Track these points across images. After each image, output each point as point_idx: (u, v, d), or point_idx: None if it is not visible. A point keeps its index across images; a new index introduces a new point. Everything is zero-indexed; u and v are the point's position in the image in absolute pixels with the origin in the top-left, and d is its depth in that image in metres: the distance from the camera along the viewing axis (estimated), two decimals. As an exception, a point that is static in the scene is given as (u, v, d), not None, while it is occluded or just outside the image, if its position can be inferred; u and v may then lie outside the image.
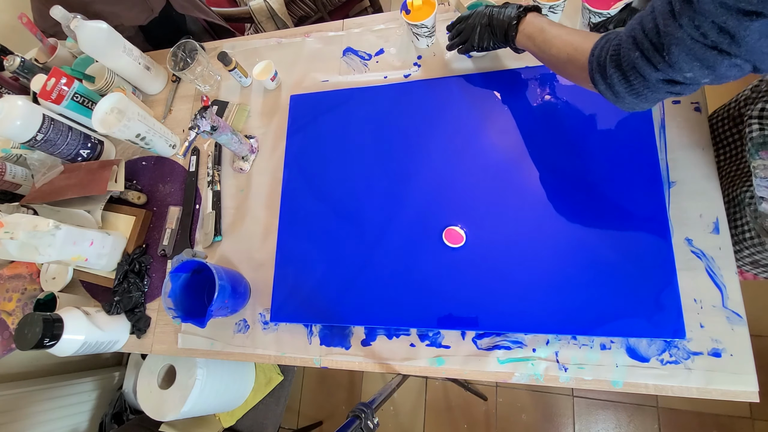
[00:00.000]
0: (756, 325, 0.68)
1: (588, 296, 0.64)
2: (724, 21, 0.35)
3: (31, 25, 0.95)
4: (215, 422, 1.12)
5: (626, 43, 0.44)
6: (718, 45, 0.37)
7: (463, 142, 0.77)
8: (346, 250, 0.77)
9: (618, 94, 0.48)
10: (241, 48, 1.01)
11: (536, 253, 0.68)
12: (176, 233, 0.89)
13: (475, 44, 0.71)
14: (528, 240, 0.69)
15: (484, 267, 0.69)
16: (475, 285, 0.69)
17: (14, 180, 0.93)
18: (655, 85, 0.44)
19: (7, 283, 0.90)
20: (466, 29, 0.71)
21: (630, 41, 0.44)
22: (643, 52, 0.42)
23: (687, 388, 0.60)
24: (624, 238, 0.65)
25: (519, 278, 0.68)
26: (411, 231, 0.75)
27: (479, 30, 0.69)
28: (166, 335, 0.84)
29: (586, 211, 0.68)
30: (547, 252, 0.68)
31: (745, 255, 0.70)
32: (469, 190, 0.74)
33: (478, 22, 0.69)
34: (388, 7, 1.90)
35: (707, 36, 0.37)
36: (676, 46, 0.39)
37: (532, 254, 0.68)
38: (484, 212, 0.72)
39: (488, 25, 0.68)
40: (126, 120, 0.83)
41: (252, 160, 0.90)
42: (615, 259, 0.65)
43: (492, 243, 0.70)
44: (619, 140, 0.69)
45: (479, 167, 0.75)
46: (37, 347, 0.68)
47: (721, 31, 0.36)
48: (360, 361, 0.73)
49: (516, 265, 0.68)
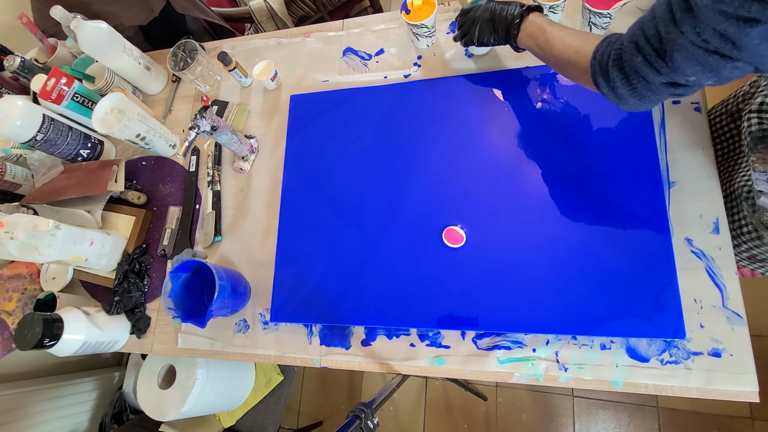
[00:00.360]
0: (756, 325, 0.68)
1: (588, 296, 0.64)
2: (725, 28, 0.35)
3: (31, 25, 0.95)
4: (215, 422, 1.12)
5: (629, 48, 0.45)
6: (719, 50, 0.37)
7: (463, 143, 0.77)
8: (346, 250, 0.77)
9: (621, 96, 0.49)
10: (241, 48, 1.01)
11: (536, 254, 0.68)
12: (176, 233, 0.89)
13: (475, 39, 0.71)
14: (528, 240, 0.69)
15: (484, 267, 0.70)
16: (475, 285, 0.69)
17: (14, 180, 0.93)
18: (659, 88, 0.45)
19: (7, 283, 0.90)
20: (466, 23, 0.72)
21: (632, 46, 0.44)
22: (645, 57, 0.43)
23: (687, 388, 0.60)
24: (624, 238, 0.65)
25: (519, 278, 0.68)
26: (411, 231, 0.75)
27: (480, 25, 0.69)
28: (166, 335, 0.84)
29: (586, 211, 0.68)
30: (547, 252, 0.68)
31: (742, 250, 0.70)
32: (469, 191, 0.74)
33: (480, 17, 0.69)
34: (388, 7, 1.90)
35: (709, 42, 0.37)
36: (678, 52, 0.40)
37: (532, 254, 0.68)
38: (484, 212, 0.72)
39: (490, 21, 0.68)
40: (126, 120, 0.83)
41: (252, 160, 0.90)
42: (615, 259, 0.65)
43: (492, 243, 0.70)
44: (619, 140, 0.69)
45: (479, 167, 0.75)
46: (37, 347, 0.68)
47: (722, 37, 0.36)
48: (360, 361, 0.73)
49: (516, 265, 0.68)
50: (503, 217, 0.71)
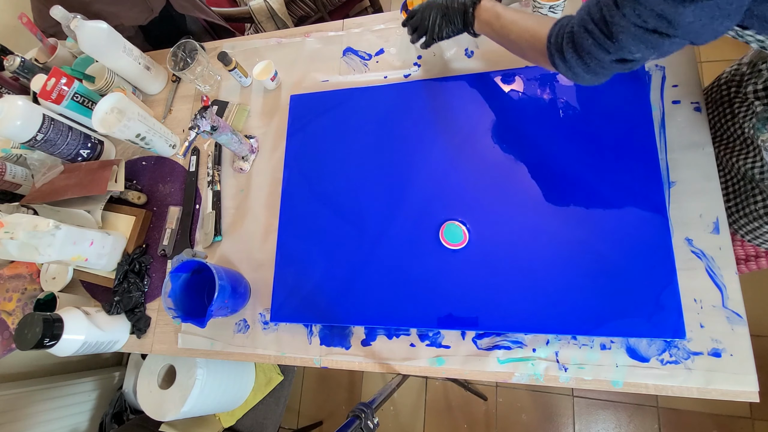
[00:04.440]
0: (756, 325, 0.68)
1: (588, 296, 0.64)
2: (662, 9, 0.40)
3: (31, 25, 0.95)
4: (215, 422, 1.12)
5: (579, 32, 0.50)
6: (658, 29, 0.42)
7: (463, 143, 0.77)
8: (346, 250, 0.77)
9: (577, 74, 0.54)
10: (241, 48, 1.01)
11: (536, 254, 0.68)
12: (176, 233, 0.89)
13: (435, 35, 0.73)
14: (528, 240, 0.69)
15: (484, 267, 0.69)
16: (475, 285, 0.69)
17: (14, 180, 0.93)
18: (609, 65, 0.50)
19: (7, 283, 0.90)
20: (420, 24, 0.73)
21: (582, 30, 0.49)
22: (595, 39, 0.48)
23: (687, 388, 0.60)
24: (624, 238, 0.65)
25: (519, 278, 0.68)
26: (411, 231, 0.75)
27: (436, 20, 0.71)
28: (166, 335, 0.84)
29: (586, 210, 0.68)
30: (547, 252, 0.68)
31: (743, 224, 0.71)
32: (469, 191, 0.74)
33: (430, 14, 0.71)
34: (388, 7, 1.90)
35: (648, 22, 0.42)
36: (623, 33, 0.44)
37: (532, 254, 0.68)
38: (483, 212, 0.72)
39: (444, 15, 0.70)
40: (126, 120, 0.83)
41: (252, 160, 0.90)
42: (615, 259, 0.65)
43: (492, 243, 0.70)
44: (620, 140, 0.69)
45: (479, 168, 0.75)
46: (37, 347, 0.68)
47: (659, 17, 0.41)
48: (360, 361, 0.73)
49: (516, 265, 0.68)
50: (503, 217, 0.71)
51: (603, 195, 0.68)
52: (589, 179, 0.69)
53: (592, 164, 0.70)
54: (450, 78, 0.82)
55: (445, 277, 0.71)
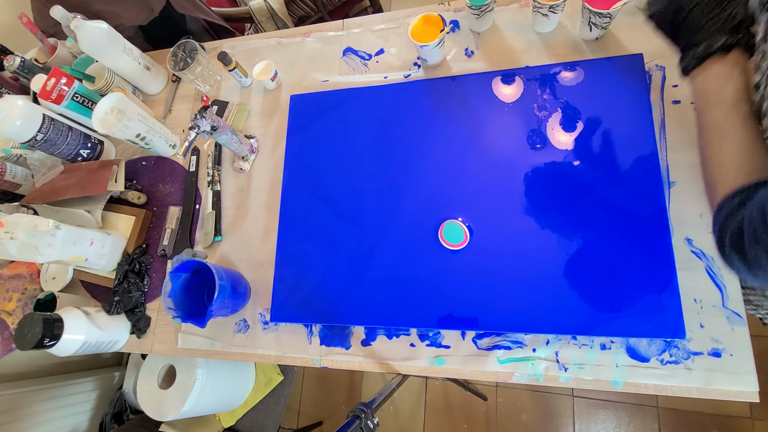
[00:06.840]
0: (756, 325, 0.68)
1: (588, 296, 0.64)
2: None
3: (31, 25, 0.95)
4: (215, 422, 1.12)
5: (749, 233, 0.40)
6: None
7: (462, 143, 0.77)
8: (346, 250, 0.77)
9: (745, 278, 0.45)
10: (241, 48, 1.01)
11: (536, 254, 0.68)
12: (176, 233, 0.89)
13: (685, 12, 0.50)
14: (528, 240, 0.69)
15: (484, 267, 0.69)
16: (475, 285, 0.69)
17: (14, 180, 0.93)
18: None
19: (7, 283, 0.90)
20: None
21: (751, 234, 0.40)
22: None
23: (687, 388, 0.60)
24: (624, 238, 0.65)
25: (519, 278, 0.68)
26: (411, 231, 0.75)
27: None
28: (166, 335, 0.84)
29: (585, 210, 0.68)
30: (547, 252, 0.67)
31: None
32: (469, 191, 0.74)
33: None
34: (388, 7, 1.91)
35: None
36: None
37: (531, 254, 0.68)
38: (483, 212, 0.72)
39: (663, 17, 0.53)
40: (126, 120, 0.83)
41: (252, 160, 0.90)
42: (615, 259, 0.65)
43: (492, 243, 0.70)
44: (620, 140, 0.69)
45: (479, 168, 0.75)
46: (37, 347, 0.68)
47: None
48: (360, 361, 0.73)
49: (515, 265, 0.68)
50: (503, 217, 0.71)
51: (603, 195, 0.68)
52: (589, 179, 0.69)
53: (592, 164, 0.70)
54: (450, 78, 0.82)
55: (445, 277, 0.71)
